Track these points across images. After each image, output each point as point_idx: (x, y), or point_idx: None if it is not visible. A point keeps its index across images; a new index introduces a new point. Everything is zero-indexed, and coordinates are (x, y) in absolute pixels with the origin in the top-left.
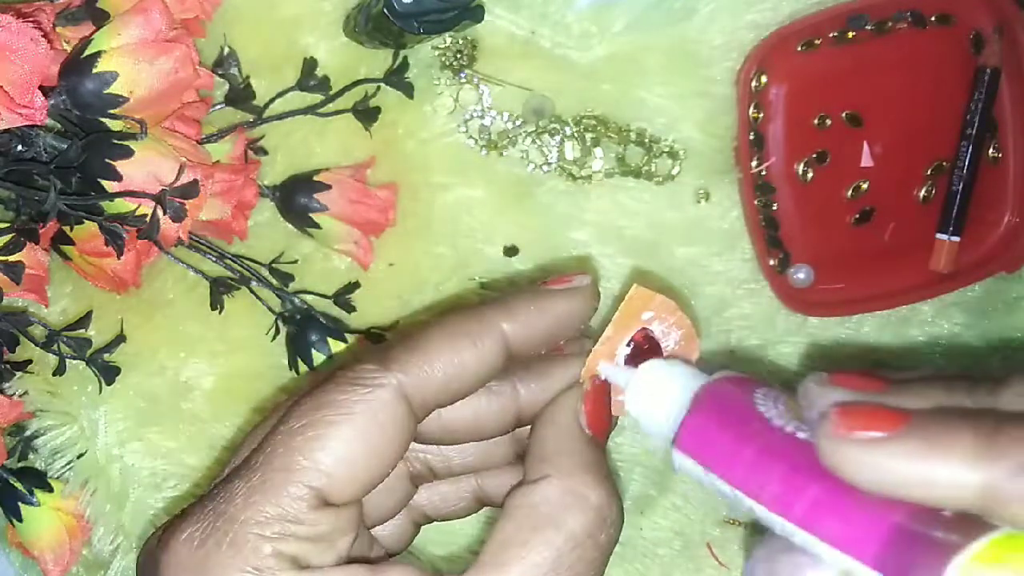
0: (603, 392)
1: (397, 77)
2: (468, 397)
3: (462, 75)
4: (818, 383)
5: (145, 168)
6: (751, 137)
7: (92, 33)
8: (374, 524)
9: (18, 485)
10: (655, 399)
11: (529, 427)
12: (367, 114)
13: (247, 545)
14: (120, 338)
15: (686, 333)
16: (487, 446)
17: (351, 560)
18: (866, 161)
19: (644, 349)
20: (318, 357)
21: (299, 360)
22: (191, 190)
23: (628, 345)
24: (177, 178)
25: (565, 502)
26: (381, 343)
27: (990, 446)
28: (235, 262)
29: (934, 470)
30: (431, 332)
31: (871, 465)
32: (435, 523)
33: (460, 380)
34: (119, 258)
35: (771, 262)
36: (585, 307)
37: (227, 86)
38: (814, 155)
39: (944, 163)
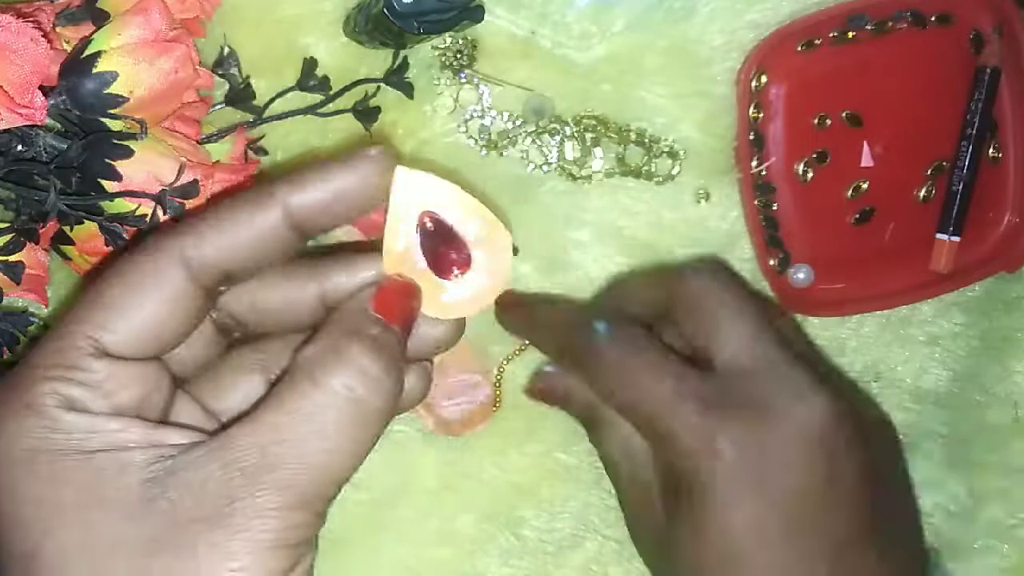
0: (403, 286)
1: (397, 77)
2: (275, 283)
3: (462, 75)
4: None
5: (145, 168)
6: (751, 137)
7: (92, 33)
8: (188, 373)
9: None
10: None
11: None
12: (367, 114)
13: (25, 382)
14: None
15: (489, 220)
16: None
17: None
18: (866, 161)
19: (432, 232)
20: None
21: None
22: (191, 190)
23: (417, 234)
24: (177, 178)
25: (325, 359)
26: None
27: None
28: None
29: None
30: (217, 206)
31: None
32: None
33: (241, 244)
34: None
35: (771, 262)
36: (369, 178)
37: (227, 86)
38: (814, 155)
39: (944, 163)
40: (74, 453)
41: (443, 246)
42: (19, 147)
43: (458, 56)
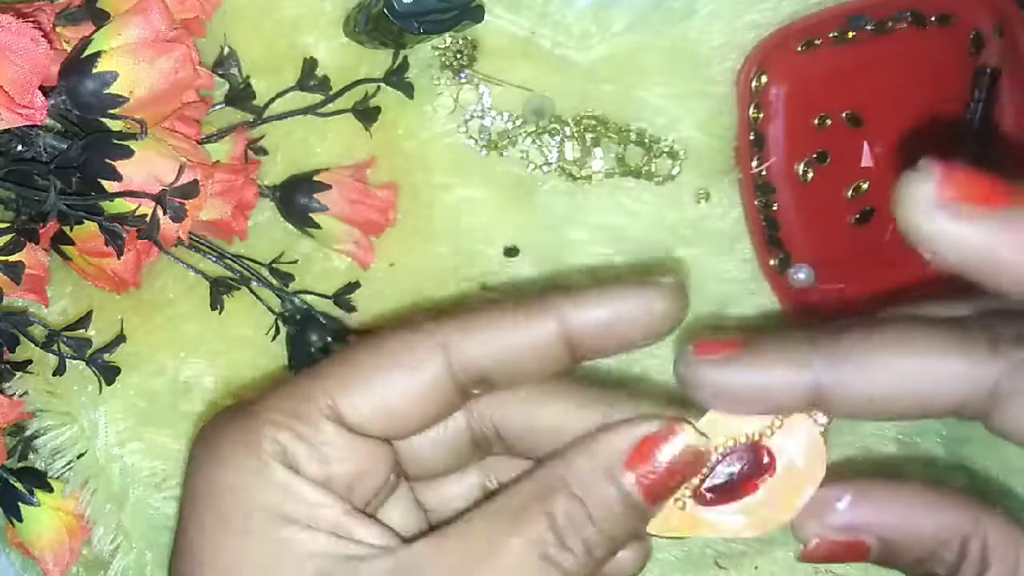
0: (659, 447)
1: (397, 77)
2: (562, 409)
3: (462, 75)
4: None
5: (145, 168)
6: (751, 137)
7: (92, 33)
8: (431, 474)
9: (18, 485)
10: None
11: None
12: (367, 114)
13: (251, 424)
14: (120, 338)
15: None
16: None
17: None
18: (866, 161)
19: (763, 464)
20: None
21: (299, 360)
22: (191, 190)
23: (729, 472)
24: (177, 178)
25: (520, 515)
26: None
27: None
28: (235, 262)
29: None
30: (490, 304)
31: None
32: None
33: (507, 349)
34: (119, 258)
35: (771, 262)
36: (659, 308)
37: (227, 86)
38: (814, 155)
39: None
40: (269, 511)
41: (768, 473)
42: (19, 147)
43: (458, 56)
